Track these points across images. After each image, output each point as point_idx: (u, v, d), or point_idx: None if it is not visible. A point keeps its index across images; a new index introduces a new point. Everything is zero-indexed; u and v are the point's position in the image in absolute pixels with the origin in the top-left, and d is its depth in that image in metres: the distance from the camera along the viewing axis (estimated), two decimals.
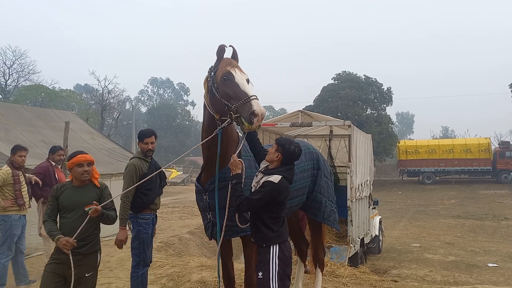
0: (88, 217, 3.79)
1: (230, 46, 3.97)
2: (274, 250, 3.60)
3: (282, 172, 3.63)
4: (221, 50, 3.91)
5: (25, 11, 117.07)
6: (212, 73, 3.85)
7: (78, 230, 3.76)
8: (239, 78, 3.72)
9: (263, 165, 3.85)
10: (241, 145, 3.93)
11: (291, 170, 3.77)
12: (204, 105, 3.98)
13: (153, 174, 4.80)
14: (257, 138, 4.10)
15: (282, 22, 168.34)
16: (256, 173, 3.81)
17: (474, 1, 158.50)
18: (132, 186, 4.71)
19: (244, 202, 3.51)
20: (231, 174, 3.69)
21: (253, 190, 3.69)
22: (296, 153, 3.72)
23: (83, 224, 3.78)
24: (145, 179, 4.57)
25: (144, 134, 5.15)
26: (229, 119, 3.68)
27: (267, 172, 3.68)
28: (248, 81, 3.81)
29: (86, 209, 3.81)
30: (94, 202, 3.84)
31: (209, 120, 3.94)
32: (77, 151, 4.13)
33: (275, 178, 3.55)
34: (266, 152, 3.87)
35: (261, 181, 3.61)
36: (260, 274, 3.56)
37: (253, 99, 3.54)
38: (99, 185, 4.11)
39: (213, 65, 3.95)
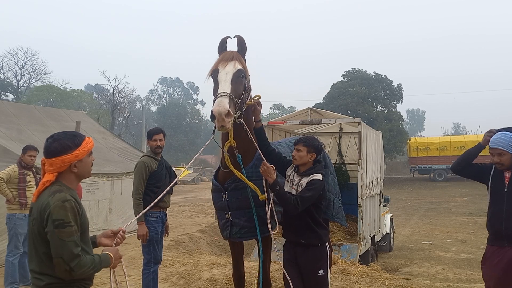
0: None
1: (235, 37, 3.66)
2: (327, 248, 3.81)
3: (319, 171, 3.77)
4: (221, 44, 3.64)
5: (37, 19, 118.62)
6: None
7: None
8: (222, 74, 3.42)
9: (290, 169, 3.86)
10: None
11: (322, 165, 3.92)
12: None
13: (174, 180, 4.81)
14: (264, 134, 3.98)
15: (291, 27, 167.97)
16: (287, 178, 3.82)
17: (488, 3, 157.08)
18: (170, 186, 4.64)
19: (299, 200, 3.54)
20: (268, 183, 3.60)
21: (294, 193, 3.70)
22: (321, 146, 3.91)
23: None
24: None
25: (152, 131, 5.33)
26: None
27: (306, 173, 3.74)
28: (240, 71, 3.47)
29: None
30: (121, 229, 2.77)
31: None
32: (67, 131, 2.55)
33: (319, 176, 3.71)
34: (270, 147, 3.91)
35: (305, 182, 3.68)
36: (321, 271, 3.72)
37: (219, 96, 3.23)
38: None
39: None
